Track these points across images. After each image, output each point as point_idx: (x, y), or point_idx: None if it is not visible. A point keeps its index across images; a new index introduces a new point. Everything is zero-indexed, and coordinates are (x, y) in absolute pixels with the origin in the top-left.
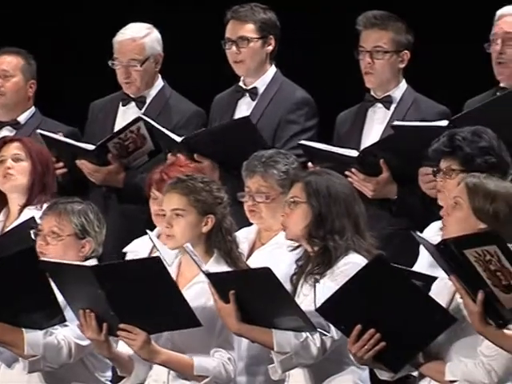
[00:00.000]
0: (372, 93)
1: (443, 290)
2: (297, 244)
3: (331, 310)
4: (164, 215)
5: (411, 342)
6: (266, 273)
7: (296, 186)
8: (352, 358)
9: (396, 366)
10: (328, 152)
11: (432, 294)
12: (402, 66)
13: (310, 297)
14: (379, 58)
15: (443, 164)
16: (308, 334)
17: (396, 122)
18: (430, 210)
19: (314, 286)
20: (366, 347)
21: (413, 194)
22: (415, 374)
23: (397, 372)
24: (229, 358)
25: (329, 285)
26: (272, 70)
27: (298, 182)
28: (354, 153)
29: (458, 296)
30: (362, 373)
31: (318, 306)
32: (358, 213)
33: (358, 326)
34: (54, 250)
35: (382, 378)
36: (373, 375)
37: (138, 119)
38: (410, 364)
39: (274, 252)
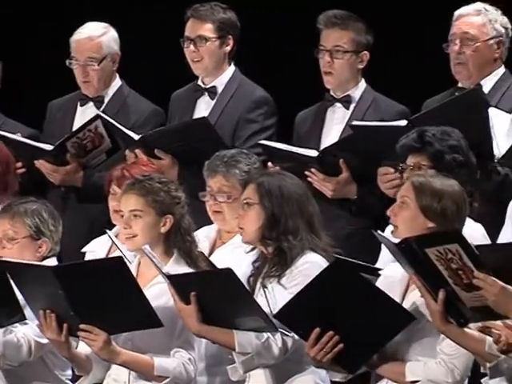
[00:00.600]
0: (331, 92)
1: (394, 288)
2: (251, 246)
3: (289, 315)
4: (121, 211)
5: (369, 341)
6: (228, 273)
7: (249, 188)
8: (310, 360)
9: (353, 366)
10: (288, 152)
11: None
12: (362, 66)
13: (269, 298)
14: (339, 58)
15: (411, 160)
16: (269, 334)
17: (355, 122)
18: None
19: (264, 291)
20: (324, 350)
21: (372, 194)
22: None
23: (353, 373)
24: (189, 359)
25: (288, 286)
26: (231, 69)
27: (251, 183)
28: (313, 153)
29: (409, 294)
30: (321, 372)
31: (274, 311)
32: (311, 212)
33: (317, 330)
34: (10, 253)
35: (334, 379)
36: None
37: (95, 117)
38: (366, 366)
39: (235, 251)
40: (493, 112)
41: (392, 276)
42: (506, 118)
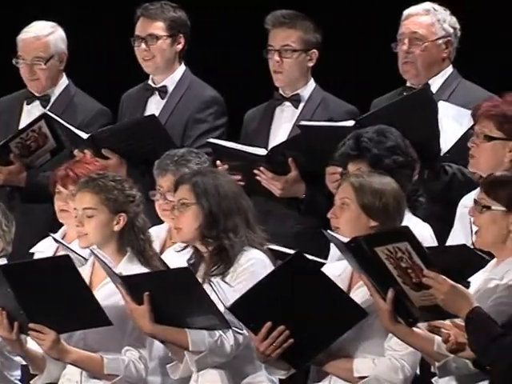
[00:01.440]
0: (280, 91)
1: (338, 282)
2: (184, 245)
3: (242, 308)
4: (67, 211)
5: (320, 337)
6: (185, 272)
7: (182, 188)
8: (256, 355)
9: (300, 362)
10: (236, 150)
11: None
12: (311, 64)
13: (218, 293)
14: (288, 57)
15: (352, 167)
16: (221, 332)
17: (302, 122)
18: None
19: (211, 287)
20: (274, 344)
21: (320, 193)
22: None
23: (298, 368)
24: (140, 357)
25: (235, 284)
26: (181, 68)
27: (184, 184)
28: (262, 151)
29: (354, 292)
30: None
31: (228, 305)
32: (246, 208)
33: (268, 324)
34: None
35: (271, 376)
36: None
37: (39, 118)
38: (313, 362)
39: (185, 251)
40: (442, 105)
41: (333, 274)
42: (456, 111)
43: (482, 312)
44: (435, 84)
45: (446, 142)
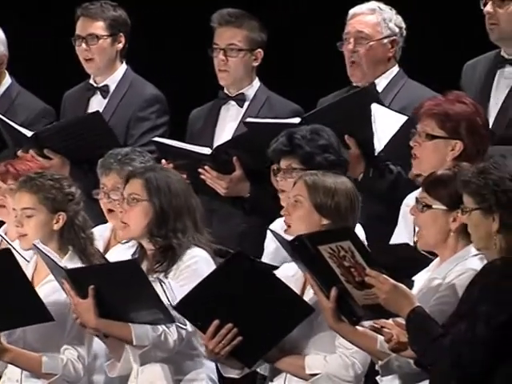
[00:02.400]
0: (225, 90)
1: (291, 284)
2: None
3: (188, 306)
4: (5, 206)
5: (269, 334)
6: (132, 265)
7: (134, 183)
8: (206, 353)
9: (251, 360)
10: (181, 149)
11: None
12: (256, 64)
13: (166, 291)
14: (233, 56)
15: (283, 163)
16: (164, 326)
17: (248, 119)
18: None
19: (161, 286)
20: (222, 342)
21: (265, 192)
22: (262, 371)
23: (251, 367)
24: (78, 356)
25: (177, 281)
26: (123, 67)
27: (137, 179)
28: (206, 150)
29: (308, 291)
30: (212, 365)
31: (174, 303)
32: (195, 208)
33: (216, 322)
34: None
35: (226, 375)
36: None
37: None
38: (265, 359)
39: (130, 250)
40: (376, 108)
41: (287, 275)
42: (390, 115)
43: (423, 312)
44: (381, 83)
45: (380, 140)
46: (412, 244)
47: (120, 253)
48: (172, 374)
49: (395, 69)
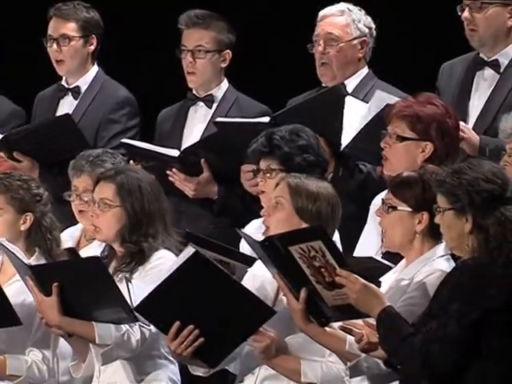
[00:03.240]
0: (194, 91)
1: (266, 287)
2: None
3: (149, 308)
4: None
5: (231, 336)
6: (96, 262)
7: (106, 187)
8: (170, 354)
9: (214, 361)
10: (149, 151)
11: (253, 289)
12: (224, 65)
13: (131, 292)
14: (201, 58)
15: (263, 164)
16: (127, 326)
17: (218, 119)
18: (251, 209)
19: (128, 286)
20: (185, 344)
21: (234, 194)
22: (232, 369)
23: (214, 367)
24: (43, 358)
25: (142, 282)
26: (94, 69)
27: (108, 183)
28: (175, 152)
29: (281, 297)
30: (174, 367)
31: (135, 304)
32: (166, 210)
33: (177, 323)
34: None
35: (194, 373)
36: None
37: None
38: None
39: (100, 249)
40: (349, 101)
41: (263, 275)
42: (363, 108)
43: (394, 311)
44: (351, 84)
45: (348, 135)
46: (380, 243)
47: (90, 254)
48: (133, 374)
49: (365, 70)
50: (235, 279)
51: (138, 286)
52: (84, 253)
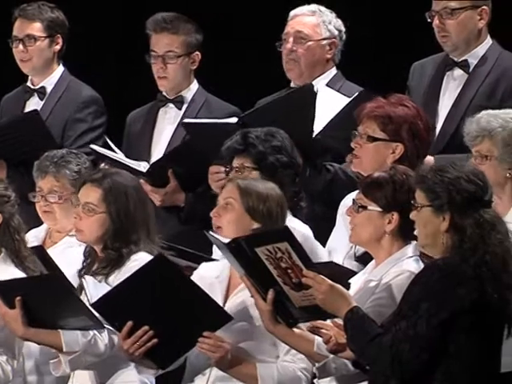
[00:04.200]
0: (164, 93)
1: (215, 288)
2: None
3: (106, 306)
4: None
5: (185, 338)
6: (56, 278)
7: (92, 191)
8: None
9: (165, 362)
10: (118, 162)
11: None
12: (194, 67)
13: (87, 291)
14: (172, 63)
15: (236, 162)
16: (95, 331)
17: (186, 120)
18: None
19: (82, 283)
20: (137, 343)
21: (201, 202)
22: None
23: (165, 369)
24: (7, 359)
25: (115, 282)
26: (60, 69)
27: (95, 187)
28: (143, 166)
29: (234, 296)
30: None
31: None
32: (150, 216)
33: (130, 323)
34: None
35: (139, 375)
36: None
37: None
38: (218, 368)
39: (66, 251)
40: (326, 91)
41: (209, 276)
42: (340, 99)
43: (361, 312)
44: (319, 85)
45: (320, 124)
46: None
47: (56, 254)
48: (103, 376)
49: (333, 71)
50: (195, 284)
51: (94, 284)
52: (49, 253)
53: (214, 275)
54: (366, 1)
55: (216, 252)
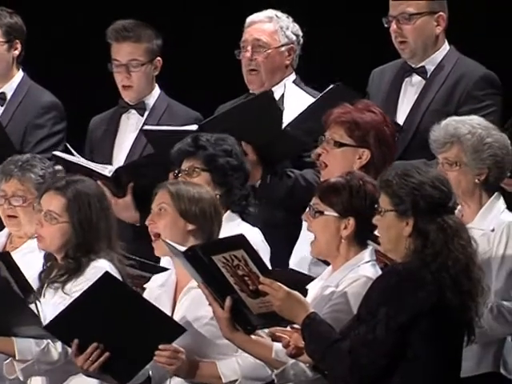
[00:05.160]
0: (125, 99)
1: (163, 298)
2: None
3: (59, 326)
4: None
5: (141, 352)
6: (8, 287)
7: (55, 199)
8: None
9: (124, 377)
10: (82, 167)
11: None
12: (156, 72)
13: (52, 302)
14: (136, 71)
15: (186, 164)
16: (49, 340)
17: (146, 127)
18: None
19: (36, 304)
20: (90, 359)
21: None
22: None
23: (124, 383)
24: None
25: (72, 290)
26: (19, 74)
27: (58, 195)
28: (108, 171)
29: (180, 303)
30: None
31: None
32: (112, 225)
33: (76, 341)
34: None
35: None
36: None
37: None
38: (178, 376)
39: (27, 256)
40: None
41: (155, 287)
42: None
43: (318, 318)
44: (278, 91)
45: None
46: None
47: (17, 258)
48: (57, 381)
49: (292, 76)
50: (144, 298)
51: (48, 305)
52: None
53: (159, 285)
54: (325, 4)
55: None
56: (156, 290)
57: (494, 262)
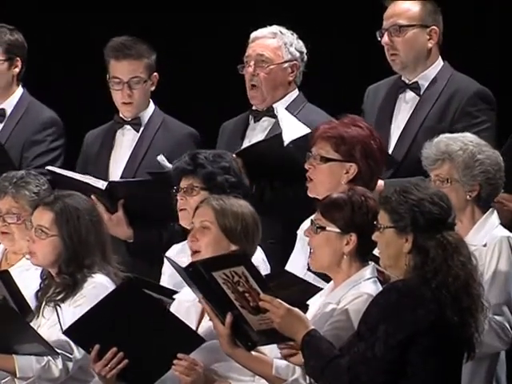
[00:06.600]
0: (121, 115)
1: (190, 312)
2: None
3: (78, 332)
4: None
5: (160, 361)
6: (4, 308)
7: (44, 214)
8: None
9: None
10: (76, 180)
11: (179, 314)
12: (153, 88)
13: (51, 320)
14: (137, 88)
15: (185, 182)
16: (50, 357)
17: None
18: (171, 242)
19: (56, 310)
20: (109, 366)
21: (151, 238)
22: None
23: None
24: None
25: (73, 308)
26: (19, 91)
27: (47, 210)
28: (101, 184)
29: (206, 317)
30: None
31: (64, 328)
32: (105, 239)
33: (97, 346)
34: None
35: None
36: None
37: None
38: None
39: (23, 274)
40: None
41: (187, 300)
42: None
43: (318, 334)
44: (280, 107)
45: (289, 135)
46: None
47: (14, 277)
48: None
49: (295, 93)
50: (166, 307)
51: (67, 311)
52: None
53: (190, 299)
54: (329, 21)
55: (165, 274)
56: (186, 303)
57: (486, 276)
